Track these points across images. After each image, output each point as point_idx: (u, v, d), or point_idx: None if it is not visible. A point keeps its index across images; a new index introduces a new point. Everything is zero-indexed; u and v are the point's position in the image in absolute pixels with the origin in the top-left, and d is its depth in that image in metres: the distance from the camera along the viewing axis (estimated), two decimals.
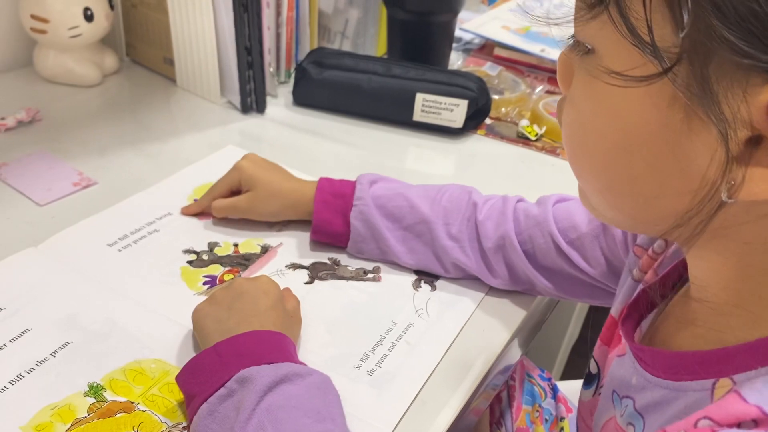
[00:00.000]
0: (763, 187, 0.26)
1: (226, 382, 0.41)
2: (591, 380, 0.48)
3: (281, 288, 0.52)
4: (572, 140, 0.34)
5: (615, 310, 0.47)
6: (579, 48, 0.31)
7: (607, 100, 0.30)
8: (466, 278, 0.58)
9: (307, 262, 0.60)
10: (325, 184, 0.60)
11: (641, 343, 0.40)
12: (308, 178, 0.64)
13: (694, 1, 0.24)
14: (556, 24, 0.32)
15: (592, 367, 0.48)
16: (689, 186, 0.28)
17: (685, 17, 0.25)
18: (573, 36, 0.31)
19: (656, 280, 0.42)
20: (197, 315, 0.49)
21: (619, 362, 0.42)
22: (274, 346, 0.44)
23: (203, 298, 0.53)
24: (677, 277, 0.40)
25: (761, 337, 0.30)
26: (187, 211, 0.64)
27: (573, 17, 0.31)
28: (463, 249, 0.56)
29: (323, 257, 0.61)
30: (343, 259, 0.60)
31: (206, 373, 0.43)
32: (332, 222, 0.59)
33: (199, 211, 0.64)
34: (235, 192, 0.63)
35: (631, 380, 0.39)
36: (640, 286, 0.43)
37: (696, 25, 0.25)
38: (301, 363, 0.45)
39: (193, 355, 0.45)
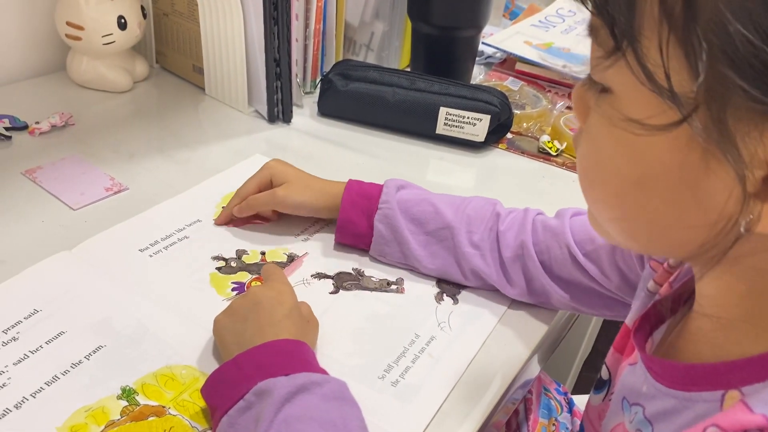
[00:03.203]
0: None
1: (245, 394, 0.42)
2: (602, 386, 0.49)
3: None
4: (587, 173, 0.35)
5: (630, 320, 0.48)
6: (596, 86, 0.31)
7: (625, 143, 0.31)
8: (485, 288, 0.59)
9: (332, 272, 0.61)
10: (353, 185, 0.62)
11: (653, 353, 0.41)
12: None
13: (708, 50, 0.25)
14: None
15: (604, 373, 0.49)
16: (706, 220, 0.29)
17: (701, 66, 0.25)
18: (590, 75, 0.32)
19: (669, 293, 0.43)
20: (217, 327, 0.50)
21: (630, 370, 0.43)
22: (292, 354, 0.45)
23: None
24: (691, 291, 0.41)
25: None
26: (219, 221, 0.65)
27: (590, 61, 0.31)
28: (484, 257, 0.57)
29: (348, 267, 0.62)
30: (367, 270, 0.62)
31: (226, 385, 0.44)
32: (357, 223, 0.60)
33: (230, 217, 0.65)
34: (264, 191, 0.64)
35: (641, 388, 0.40)
36: (655, 298, 0.44)
37: (711, 73, 0.25)
38: (320, 368, 0.46)
39: (221, 362, 0.46)
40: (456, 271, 0.59)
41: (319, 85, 0.89)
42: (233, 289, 0.58)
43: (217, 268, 0.60)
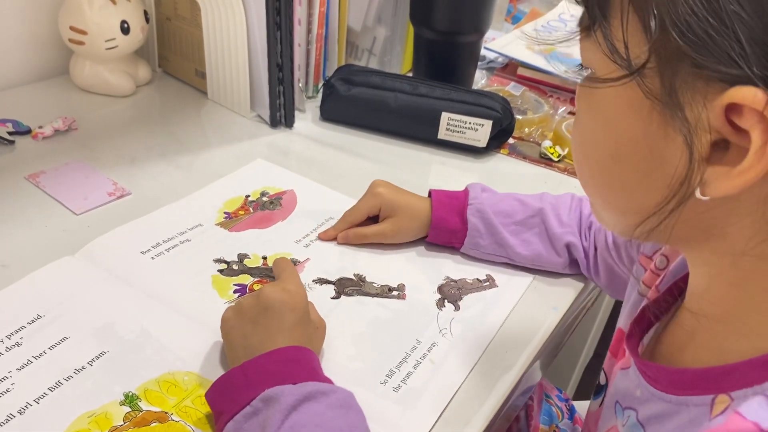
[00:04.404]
0: (726, 183, 0.29)
1: (252, 400, 0.42)
2: (599, 391, 0.50)
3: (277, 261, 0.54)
4: (575, 153, 0.39)
5: (623, 323, 0.48)
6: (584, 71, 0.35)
7: (600, 116, 0.35)
8: (572, 267, 0.63)
9: (333, 278, 0.61)
10: (437, 192, 0.65)
11: (643, 356, 0.42)
12: (335, 193, 0.66)
13: (658, 19, 0.28)
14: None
15: (602, 379, 0.50)
16: (666, 181, 0.32)
17: (651, 33, 0.29)
18: (581, 65, 0.35)
19: (657, 297, 0.44)
20: (225, 325, 0.50)
21: (623, 374, 0.43)
22: (299, 363, 0.45)
23: None
24: (678, 294, 0.42)
25: (759, 355, 0.32)
26: (324, 236, 0.66)
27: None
28: (574, 234, 0.62)
29: (349, 273, 0.62)
30: (368, 275, 0.62)
31: (233, 391, 0.44)
32: (449, 220, 0.63)
33: (336, 235, 0.66)
34: (371, 217, 0.65)
35: (635, 392, 0.40)
36: (644, 302, 0.45)
37: (662, 42, 0.29)
38: (325, 377, 0.46)
39: (224, 368, 0.46)
40: (550, 252, 0.62)
41: (321, 90, 0.89)
42: (235, 291, 0.58)
43: (219, 271, 0.60)
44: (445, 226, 0.63)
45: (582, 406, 0.73)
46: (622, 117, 0.33)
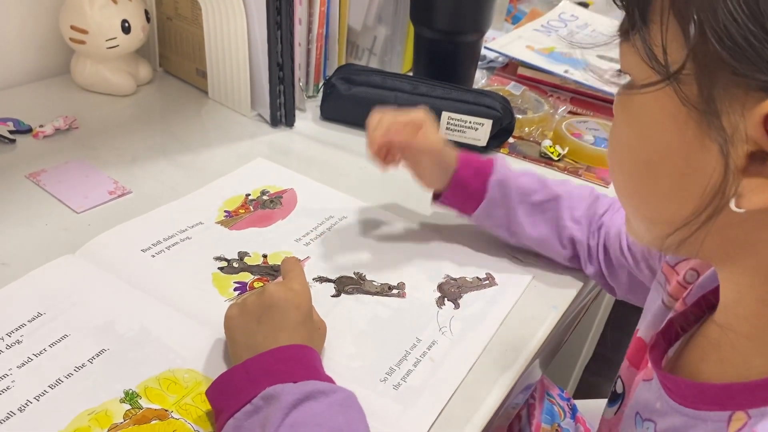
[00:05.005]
0: (762, 196, 0.29)
1: (253, 398, 0.42)
2: (616, 399, 0.50)
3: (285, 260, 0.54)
4: (610, 159, 0.38)
5: (644, 334, 0.48)
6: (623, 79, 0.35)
7: (635, 122, 0.34)
8: (574, 261, 0.63)
9: (333, 276, 0.61)
10: (466, 154, 0.63)
11: (666, 368, 0.42)
12: (335, 192, 0.65)
13: (698, 25, 0.28)
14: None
15: (618, 387, 0.50)
16: (699, 192, 0.31)
17: (690, 39, 0.28)
18: (619, 70, 0.35)
19: (684, 309, 0.43)
20: (229, 322, 0.50)
21: (645, 386, 0.43)
22: (301, 362, 0.45)
23: None
24: (705, 307, 0.42)
25: None
26: (373, 145, 0.61)
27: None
28: (582, 230, 0.62)
29: (349, 271, 0.62)
30: (368, 274, 0.62)
31: (234, 389, 0.44)
32: (471, 183, 0.62)
33: (377, 142, 0.61)
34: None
35: (655, 405, 0.40)
36: (671, 314, 0.45)
37: (702, 48, 0.28)
38: (327, 376, 0.46)
39: (224, 366, 0.46)
40: (556, 241, 0.62)
41: (321, 89, 0.89)
42: (235, 289, 0.58)
43: (219, 269, 0.61)
44: (465, 188, 0.62)
45: (583, 405, 0.73)
46: (658, 124, 0.32)
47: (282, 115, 0.85)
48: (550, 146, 0.86)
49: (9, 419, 0.45)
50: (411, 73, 0.99)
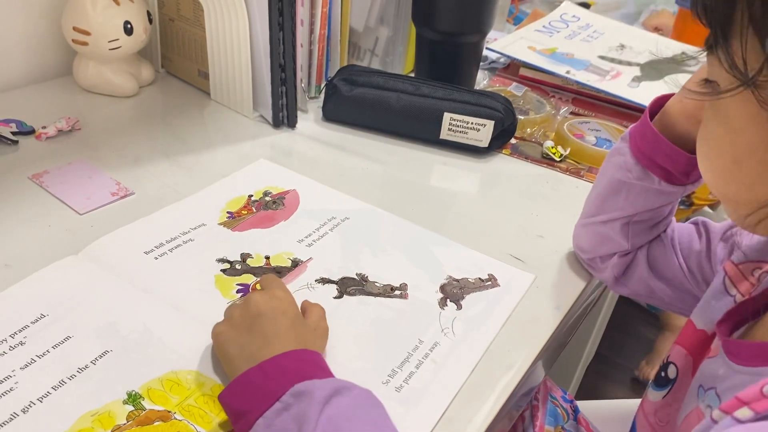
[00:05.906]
0: None
1: (281, 396, 0.42)
2: (665, 383, 0.52)
3: (305, 301, 0.54)
4: (699, 153, 0.43)
5: (704, 323, 0.50)
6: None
7: (723, 123, 0.39)
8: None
9: (336, 277, 0.61)
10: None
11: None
12: (338, 193, 0.65)
13: None
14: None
15: (671, 372, 0.52)
16: None
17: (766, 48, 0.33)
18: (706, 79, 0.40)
19: (755, 294, 0.46)
20: (219, 338, 0.49)
21: (709, 361, 0.45)
22: (314, 363, 0.46)
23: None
24: None
25: None
26: None
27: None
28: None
29: (352, 272, 0.62)
30: (371, 275, 0.62)
31: (256, 390, 0.44)
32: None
33: None
34: None
35: (718, 372, 0.43)
36: (737, 297, 0.47)
37: None
38: (333, 376, 0.46)
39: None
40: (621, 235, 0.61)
41: (323, 91, 0.89)
42: (238, 291, 0.58)
43: (222, 270, 0.61)
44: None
45: (585, 406, 0.73)
46: (742, 125, 0.37)
47: (284, 116, 0.85)
48: (552, 147, 0.86)
49: (12, 420, 0.45)
50: (413, 74, 0.99)
